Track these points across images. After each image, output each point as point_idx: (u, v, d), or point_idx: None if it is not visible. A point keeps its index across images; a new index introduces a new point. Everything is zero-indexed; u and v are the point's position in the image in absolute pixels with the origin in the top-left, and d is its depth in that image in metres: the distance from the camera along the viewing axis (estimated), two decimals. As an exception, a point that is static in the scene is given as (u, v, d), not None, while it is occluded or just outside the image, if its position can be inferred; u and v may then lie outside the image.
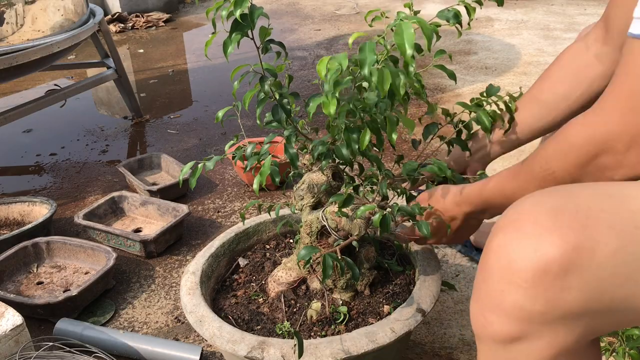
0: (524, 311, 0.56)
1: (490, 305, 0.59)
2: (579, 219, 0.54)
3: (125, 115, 2.60)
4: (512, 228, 0.57)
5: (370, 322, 0.98)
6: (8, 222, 1.71)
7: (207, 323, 0.95)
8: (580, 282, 0.53)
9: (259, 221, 1.23)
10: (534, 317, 0.55)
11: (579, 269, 0.53)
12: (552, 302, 0.54)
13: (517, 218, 0.58)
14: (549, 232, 0.54)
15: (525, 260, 0.54)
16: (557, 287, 0.53)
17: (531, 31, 3.48)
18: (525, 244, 0.55)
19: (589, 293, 0.54)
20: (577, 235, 0.53)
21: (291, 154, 0.95)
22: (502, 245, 0.57)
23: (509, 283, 0.56)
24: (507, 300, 0.56)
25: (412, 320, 0.91)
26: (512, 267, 0.56)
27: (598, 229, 0.54)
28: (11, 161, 2.24)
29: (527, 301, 0.55)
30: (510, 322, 0.57)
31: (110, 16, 4.21)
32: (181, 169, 1.88)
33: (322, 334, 0.97)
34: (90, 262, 1.48)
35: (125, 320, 1.35)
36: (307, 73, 3.00)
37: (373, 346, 0.87)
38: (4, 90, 2.97)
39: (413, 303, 0.94)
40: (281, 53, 0.92)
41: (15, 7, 1.88)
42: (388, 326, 0.90)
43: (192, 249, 1.60)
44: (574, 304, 0.54)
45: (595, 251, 0.53)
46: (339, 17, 4.22)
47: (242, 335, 0.92)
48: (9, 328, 1.06)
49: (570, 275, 0.53)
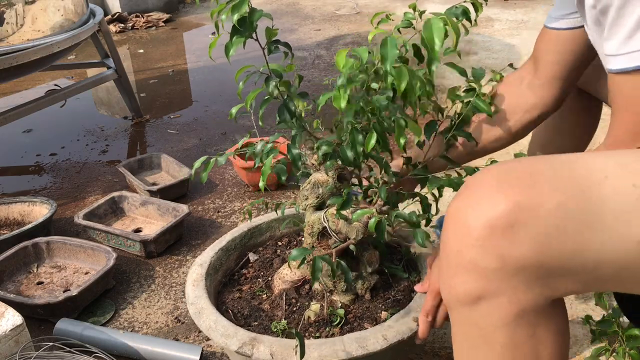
0: (480, 268, 0.59)
1: (452, 269, 0.63)
2: (524, 180, 0.59)
3: (125, 115, 2.60)
4: (465, 193, 0.62)
5: (366, 327, 0.97)
6: (8, 222, 1.71)
7: (205, 315, 0.97)
8: (527, 236, 0.57)
9: (272, 217, 1.24)
10: (489, 274, 0.59)
11: (524, 224, 0.57)
12: (503, 257, 0.58)
13: (468, 186, 0.63)
14: (496, 192, 0.59)
15: (475, 220, 0.59)
16: (505, 242, 0.57)
17: (531, 31, 3.48)
18: (474, 205, 0.60)
19: (537, 247, 0.57)
20: (521, 193, 0.57)
21: (294, 154, 0.95)
22: (456, 209, 0.62)
23: (463, 243, 0.60)
24: (464, 259, 0.60)
25: (405, 328, 0.90)
26: (464, 228, 0.60)
27: (543, 187, 0.58)
28: (11, 161, 2.24)
29: (481, 258, 0.59)
30: (470, 281, 0.61)
31: (110, 16, 4.21)
32: (181, 168, 1.89)
33: (317, 335, 0.97)
34: (90, 262, 1.48)
35: (125, 320, 1.35)
36: (307, 73, 3.00)
37: (362, 352, 0.86)
38: (4, 90, 2.97)
39: (410, 312, 0.93)
40: (288, 54, 0.92)
41: (15, 7, 1.88)
42: (380, 333, 0.89)
43: (192, 249, 1.60)
44: (524, 258, 0.57)
45: (539, 206, 0.57)
46: (339, 17, 4.22)
47: (235, 330, 0.92)
48: (9, 328, 1.05)
49: (516, 230, 0.57)
